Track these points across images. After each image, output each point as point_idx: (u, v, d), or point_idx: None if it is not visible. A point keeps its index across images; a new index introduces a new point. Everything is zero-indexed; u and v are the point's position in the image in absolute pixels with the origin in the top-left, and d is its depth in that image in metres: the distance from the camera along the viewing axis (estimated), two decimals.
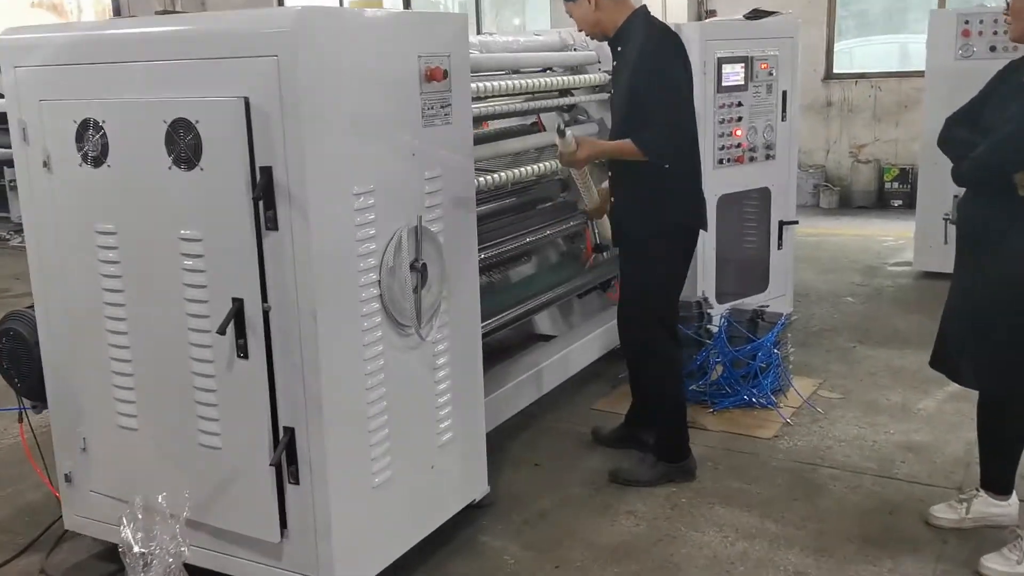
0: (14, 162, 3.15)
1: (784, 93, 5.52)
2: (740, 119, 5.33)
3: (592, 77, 4.96)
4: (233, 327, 2.78)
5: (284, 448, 2.80)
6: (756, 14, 5.45)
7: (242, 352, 2.80)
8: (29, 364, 3.29)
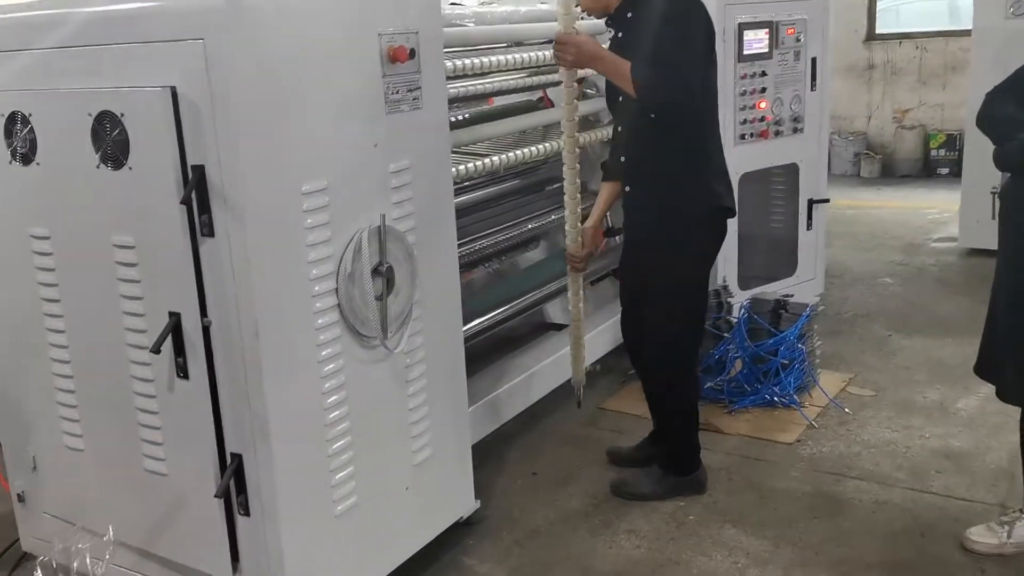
0: None
1: (814, 60, 5.08)
2: (764, 90, 4.92)
3: None
4: (171, 345, 2.50)
5: (231, 477, 2.52)
6: None
7: (182, 372, 2.52)
8: None
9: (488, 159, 3.84)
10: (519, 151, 4.02)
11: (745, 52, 4.79)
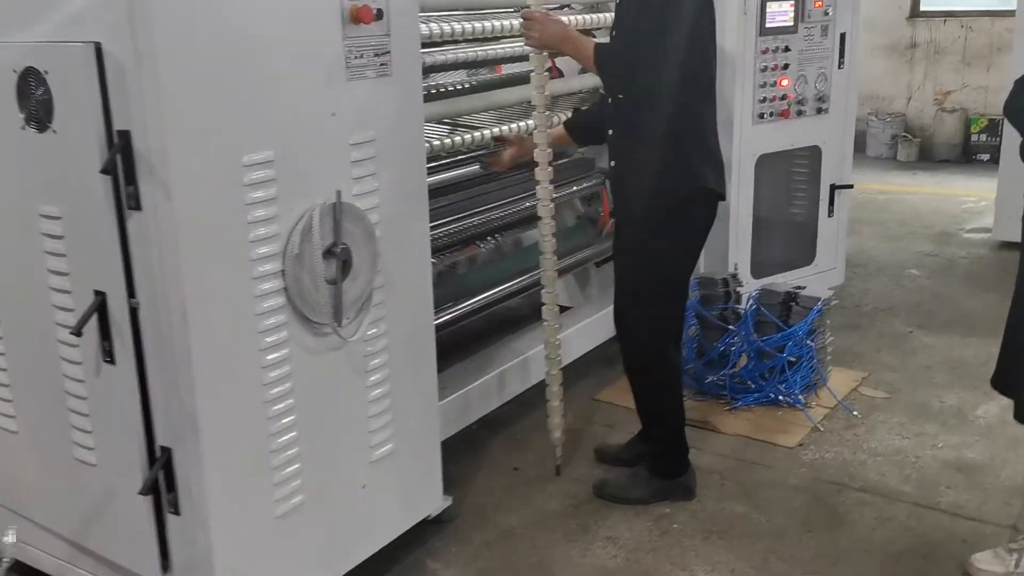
0: None
1: (843, 36, 4.76)
2: (787, 66, 4.60)
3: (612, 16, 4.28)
4: (97, 326, 2.29)
5: (157, 473, 2.32)
6: None
7: (108, 356, 2.31)
8: None
9: (478, 132, 3.59)
10: (513, 124, 3.75)
11: (768, 25, 4.48)
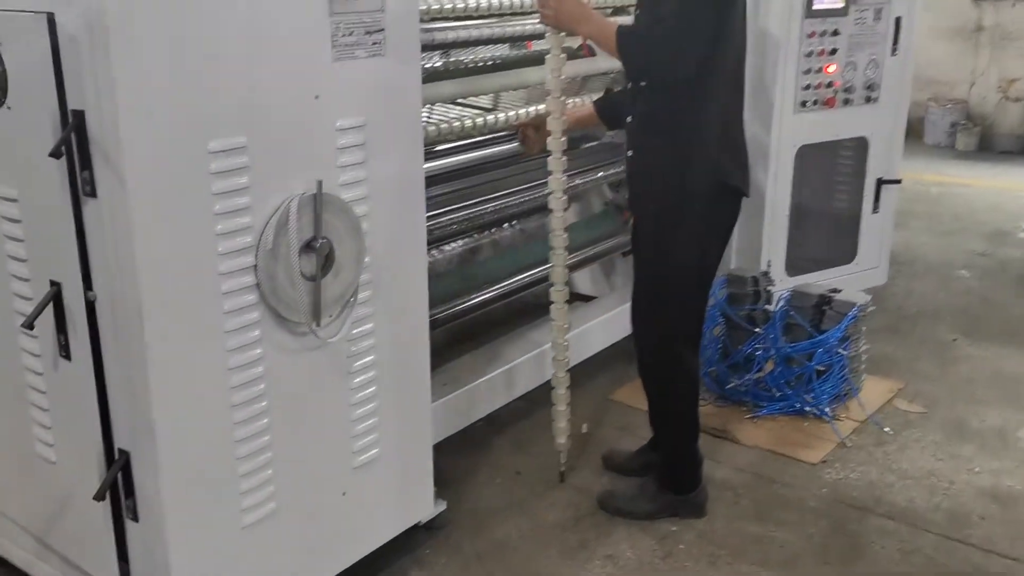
0: None
1: (898, 20, 4.44)
2: (835, 51, 4.30)
3: None
4: (53, 320, 2.14)
5: (114, 477, 2.17)
6: None
7: (64, 351, 2.16)
8: None
9: (491, 116, 3.38)
10: (529, 108, 3.53)
11: (815, 7, 4.17)
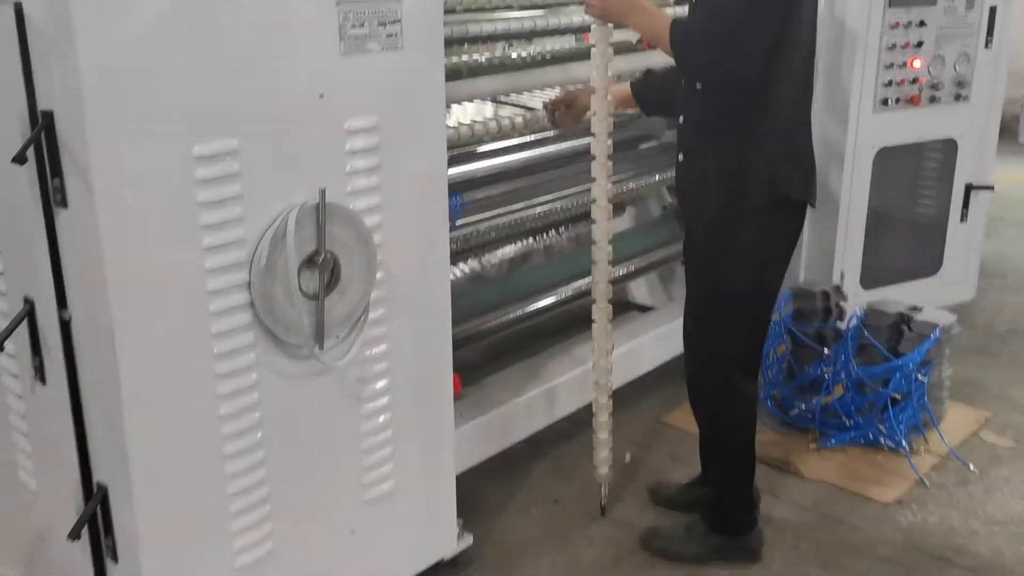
0: None
1: (992, 10, 4.04)
2: (920, 44, 3.92)
3: None
4: (28, 340, 1.95)
5: (91, 514, 1.97)
6: None
7: (39, 375, 1.98)
8: None
9: (528, 115, 3.12)
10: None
11: None
